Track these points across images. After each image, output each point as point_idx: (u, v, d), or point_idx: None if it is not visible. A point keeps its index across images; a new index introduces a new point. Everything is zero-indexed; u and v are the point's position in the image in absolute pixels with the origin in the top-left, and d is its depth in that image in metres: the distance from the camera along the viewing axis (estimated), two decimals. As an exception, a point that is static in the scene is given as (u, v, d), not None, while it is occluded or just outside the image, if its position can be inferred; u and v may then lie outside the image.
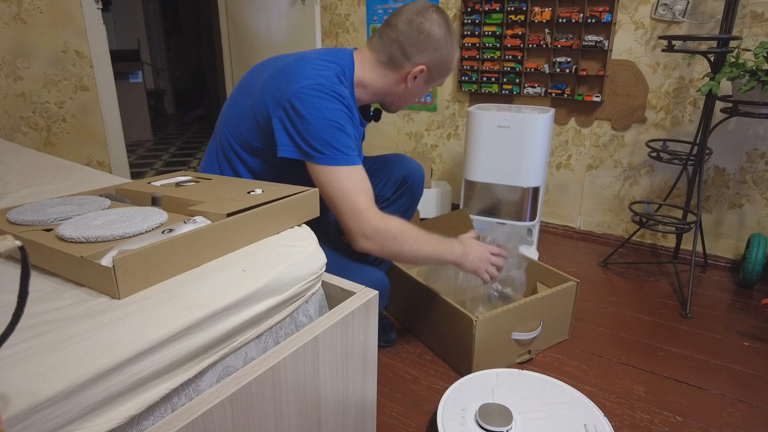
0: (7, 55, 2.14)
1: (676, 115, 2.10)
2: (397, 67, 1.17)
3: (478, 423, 1.08)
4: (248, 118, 1.13)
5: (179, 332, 0.61)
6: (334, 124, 1.05)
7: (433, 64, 1.18)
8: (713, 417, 1.26)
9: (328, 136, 1.04)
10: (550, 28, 2.25)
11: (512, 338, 1.40)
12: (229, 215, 0.78)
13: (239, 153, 1.16)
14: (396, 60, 1.16)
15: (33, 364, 0.51)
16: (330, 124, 1.05)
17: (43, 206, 0.84)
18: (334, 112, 1.05)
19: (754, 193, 2.02)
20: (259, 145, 1.12)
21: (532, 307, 1.40)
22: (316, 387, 0.80)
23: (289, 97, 1.05)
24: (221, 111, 1.25)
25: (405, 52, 1.15)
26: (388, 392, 1.34)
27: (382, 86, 1.20)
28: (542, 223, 2.52)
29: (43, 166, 1.42)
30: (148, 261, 0.66)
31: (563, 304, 1.51)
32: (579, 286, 1.51)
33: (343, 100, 1.07)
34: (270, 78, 1.11)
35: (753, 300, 1.84)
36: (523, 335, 1.41)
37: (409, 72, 1.17)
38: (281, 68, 1.11)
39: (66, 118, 2.36)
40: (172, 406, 0.63)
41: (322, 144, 1.04)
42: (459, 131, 2.68)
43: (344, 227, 1.10)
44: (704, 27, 1.97)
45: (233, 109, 1.18)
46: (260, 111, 1.10)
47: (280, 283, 0.76)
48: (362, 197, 1.08)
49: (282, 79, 1.09)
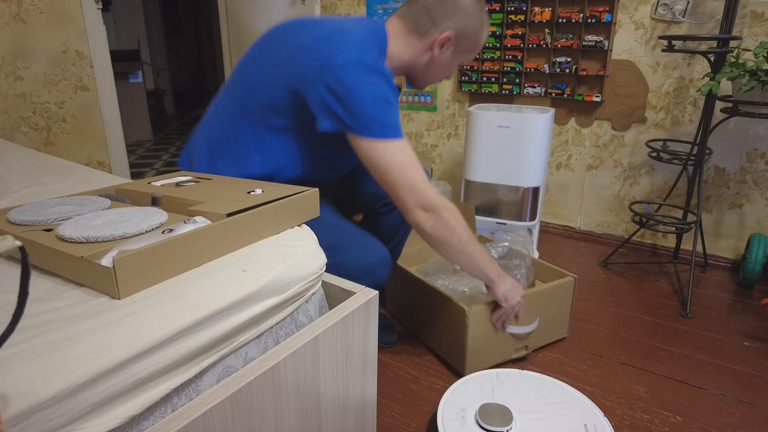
0: (7, 55, 2.14)
1: (676, 115, 2.10)
2: (424, 34, 1.14)
3: (478, 423, 1.08)
4: (277, 83, 1.09)
5: (179, 332, 0.61)
6: (384, 100, 1.03)
7: (461, 33, 1.15)
8: (713, 417, 1.26)
9: (378, 111, 1.02)
10: (550, 28, 2.25)
11: (508, 332, 1.38)
12: (229, 215, 0.78)
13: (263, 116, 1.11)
14: (423, 26, 1.14)
15: (33, 364, 0.51)
16: (380, 99, 1.03)
17: (43, 206, 0.84)
18: (382, 88, 1.04)
19: (754, 193, 2.02)
20: (288, 109, 1.09)
21: (528, 301, 1.38)
22: (316, 387, 0.80)
23: (334, 71, 1.01)
24: (236, 70, 1.20)
25: (432, 18, 1.13)
26: (388, 392, 1.34)
27: (408, 57, 1.17)
28: (542, 223, 2.52)
29: (43, 166, 1.42)
30: (148, 261, 0.66)
31: (561, 300, 1.49)
32: (577, 282, 1.50)
33: (387, 77, 1.06)
34: (308, 46, 1.07)
35: (753, 300, 1.84)
36: (518, 329, 1.39)
37: (436, 39, 1.14)
38: (320, 38, 1.07)
39: (66, 118, 2.36)
40: (172, 406, 0.63)
41: (374, 119, 1.02)
42: (459, 131, 2.68)
43: (400, 201, 1.08)
44: (704, 27, 1.97)
45: (257, 72, 1.14)
46: (294, 78, 1.06)
47: (280, 283, 0.76)
48: (419, 171, 1.07)
49: (323, 50, 1.05)
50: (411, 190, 1.06)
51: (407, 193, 1.06)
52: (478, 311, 1.31)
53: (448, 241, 1.11)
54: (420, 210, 1.08)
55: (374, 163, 1.05)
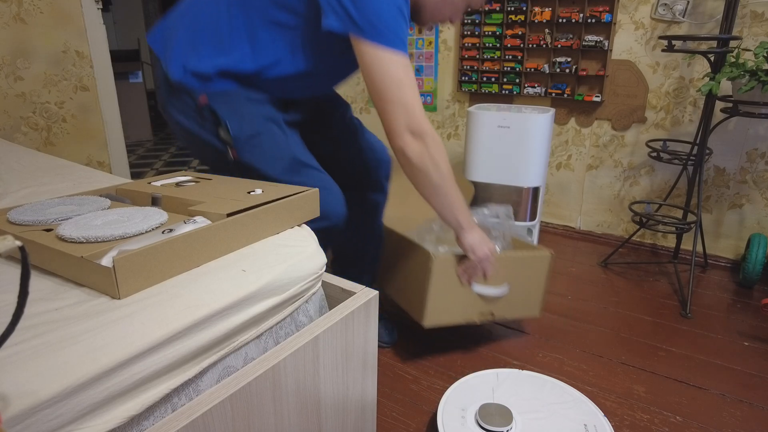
0: (7, 55, 2.14)
1: (676, 115, 2.10)
2: None
3: (478, 423, 1.08)
4: None
5: (179, 332, 0.61)
6: (398, 8, 0.96)
7: None
8: (713, 417, 1.26)
9: (391, 17, 0.95)
10: (550, 28, 2.25)
11: (474, 290, 1.35)
12: (229, 215, 0.78)
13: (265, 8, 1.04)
14: None
15: (33, 364, 0.51)
16: (394, 6, 0.96)
17: (43, 206, 0.84)
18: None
19: (754, 193, 2.02)
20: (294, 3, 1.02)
21: (498, 263, 1.33)
22: (316, 387, 0.80)
23: None
24: None
25: None
26: (388, 392, 1.34)
27: None
28: (542, 223, 2.52)
29: (43, 166, 1.42)
30: (148, 261, 0.66)
31: (533, 273, 1.45)
32: (553, 258, 1.46)
33: None
34: None
35: (753, 300, 1.84)
36: (485, 289, 1.36)
37: None
38: None
39: (66, 118, 2.36)
40: (172, 406, 0.63)
41: (385, 24, 0.95)
42: (459, 131, 2.68)
43: (388, 119, 1.02)
44: (704, 27, 1.97)
45: None
46: None
47: (280, 283, 0.76)
48: (416, 93, 1.01)
49: None
50: (404, 108, 1.00)
51: (399, 112, 1.00)
52: (444, 259, 1.27)
53: (430, 174, 1.06)
54: (408, 134, 1.02)
55: (373, 73, 0.99)
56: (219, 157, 1.12)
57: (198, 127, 1.11)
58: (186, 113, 1.11)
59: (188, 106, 1.10)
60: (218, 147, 1.11)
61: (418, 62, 2.68)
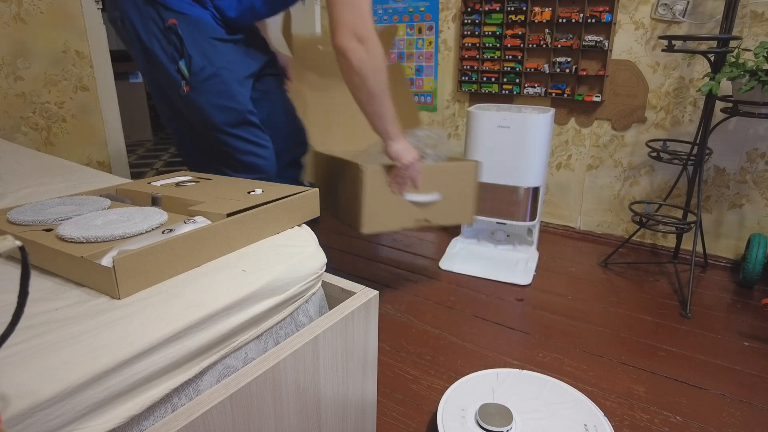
0: (7, 55, 2.14)
1: (676, 115, 2.10)
2: None
3: (478, 423, 1.08)
4: None
5: (179, 332, 0.61)
6: None
7: None
8: (713, 417, 1.26)
9: None
10: (550, 28, 2.25)
11: (406, 198, 1.45)
12: (229, 215, 0.78)
13: None
14: None
15: (33, 364, 0.51)
16: None
17: (43, 206, 0.84)
18: None
19: (754, 193, 2.02)
20: None
21: (427, 174, 1.46)
22: (316, 387, 0.80)
23: None
24: None
25: None
26: (388, 392, 1.34)
27: None
28: (542, 223, 2.52)
29: (43, 166, 1.42)
30: (148, 261, 0.66)
31: (462, 181, 1.55)
32: (479, 166, 1.57)
33: None
34: None
35: (753, 300, 1.84)
36: (415, 197, 1.46)
37: None
38: None
39: (66, 118, 2.36)
40: (172, 406, 0.63)
41: None
42: (459, 131, 2.68)
43: (336, 18, 1.02)
44: (704, 27, 1.97)
45: None
46: None
47: (280, 283, 0.76)
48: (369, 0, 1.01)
49: None
50: (353, 11, 1.00)
51: (348, 14, 1.00)
52: (374, 170, 1.37)
53: (368, 80, 1.07)
54: (353, 38, 1.02)
55: None
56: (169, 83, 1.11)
57: (159, 49, 1.10)
58: (148, 28, 1.09)
59: (154, 22, 1.08)
60: (172, 75, 1.09)
61: (418, 62, 2.68)
